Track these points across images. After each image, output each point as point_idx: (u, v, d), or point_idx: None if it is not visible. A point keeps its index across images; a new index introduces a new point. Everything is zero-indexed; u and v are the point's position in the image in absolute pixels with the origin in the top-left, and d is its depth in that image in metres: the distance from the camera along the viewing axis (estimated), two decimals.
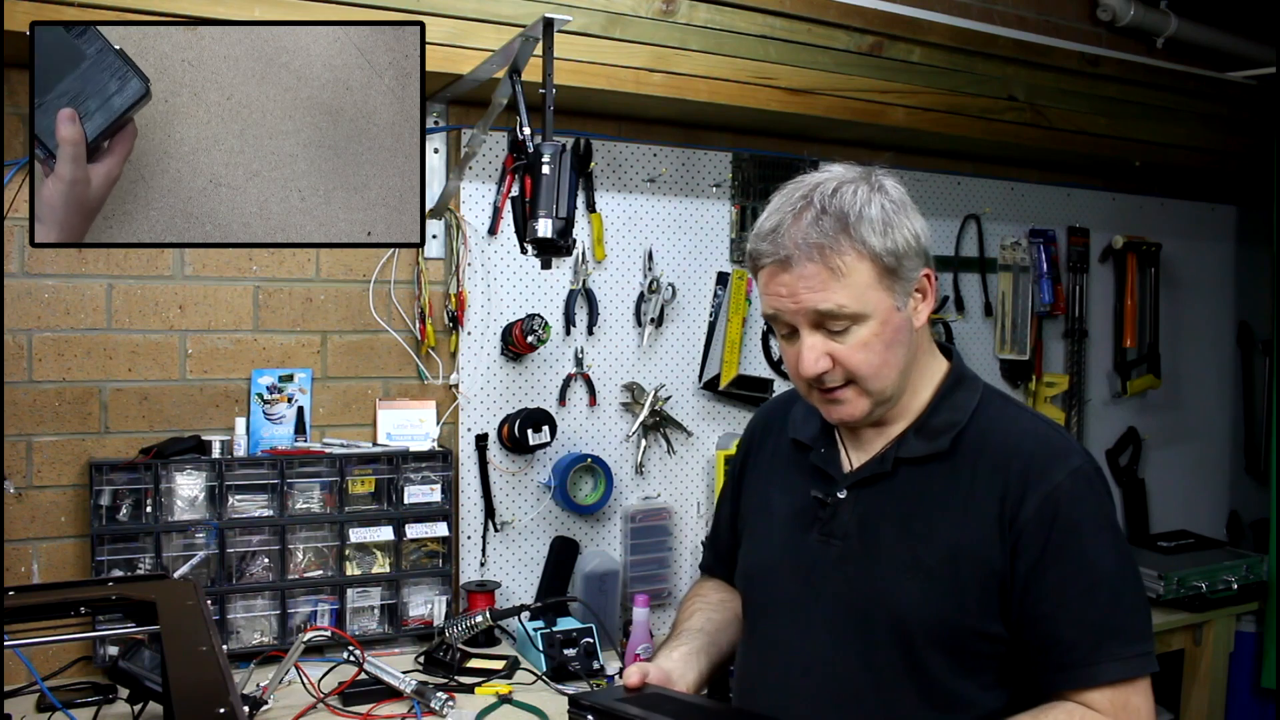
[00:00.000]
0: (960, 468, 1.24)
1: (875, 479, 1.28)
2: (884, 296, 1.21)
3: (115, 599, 1.32)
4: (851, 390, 1.24)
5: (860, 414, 1.25)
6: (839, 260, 1.18)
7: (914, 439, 1.28)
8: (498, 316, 2.34)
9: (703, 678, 1.38)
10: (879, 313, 1.21)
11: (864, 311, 1.20)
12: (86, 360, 2.02)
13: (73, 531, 2.00)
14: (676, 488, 2.58)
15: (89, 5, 1.70)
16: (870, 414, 1.26)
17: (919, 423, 1.28)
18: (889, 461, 1.28)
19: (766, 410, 1.57)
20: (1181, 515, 3.48)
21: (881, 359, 1.22)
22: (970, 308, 3.03)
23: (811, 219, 1.19)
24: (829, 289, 1.18)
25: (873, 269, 1.20)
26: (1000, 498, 1.21)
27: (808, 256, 1.18)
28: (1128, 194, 3.38)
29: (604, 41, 2.14)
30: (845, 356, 1.22)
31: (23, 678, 1.85)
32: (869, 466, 1.29)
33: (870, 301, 1.20)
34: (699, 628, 1.45)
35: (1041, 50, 2.77)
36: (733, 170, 2.62)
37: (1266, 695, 3.02)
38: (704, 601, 1.53)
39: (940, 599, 1.20)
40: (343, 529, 2.12)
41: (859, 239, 1.19)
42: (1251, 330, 3.68)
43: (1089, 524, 1.19)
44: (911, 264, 1.23)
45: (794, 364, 1.26)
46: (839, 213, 1.19)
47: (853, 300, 1.19)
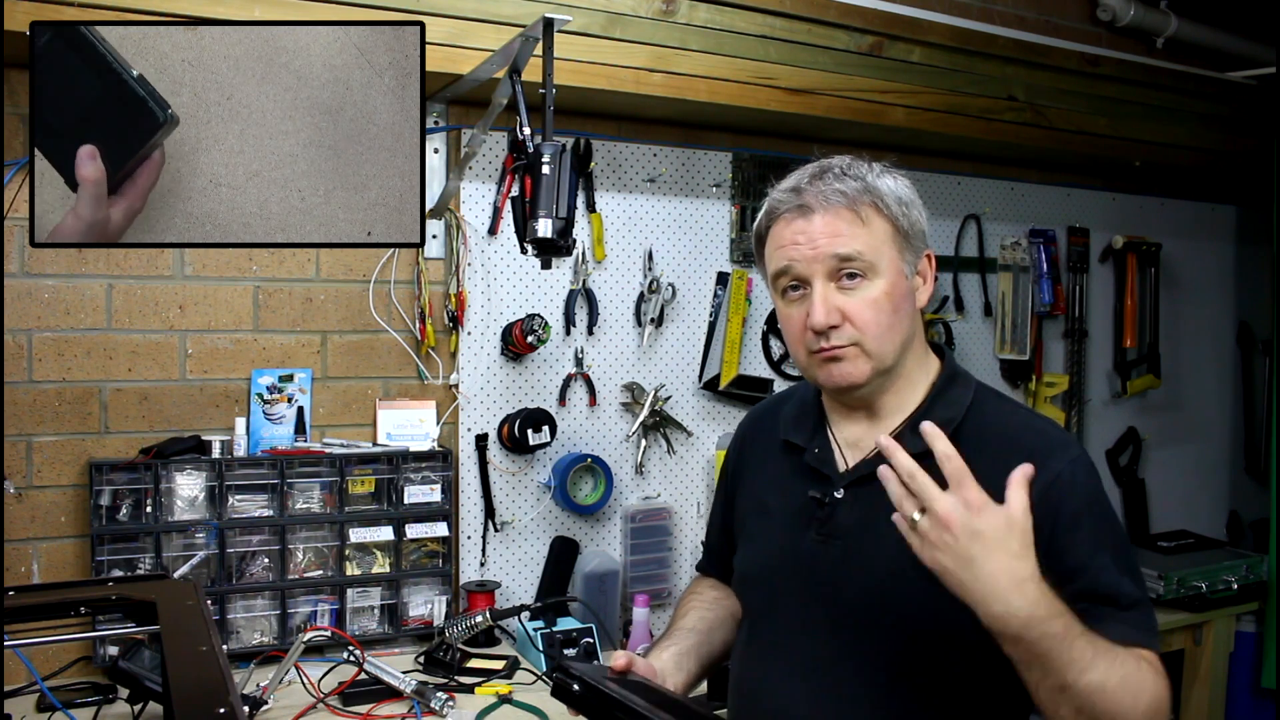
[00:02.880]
0: None
1: (873, 477, 1.28)
2: (896, 258, 1.26)
3: (115, 599, 1.32)
4: (855, 350, 1.25)
5: (860, 376, 1.25)
6: (860, 210, 1.24)
7: (910, 435, 1.27)
8: (498, 316, 2.34)
9: (692, 678, 1.38)
10: (890, 272, 1.25)
11: (878, 264, 1.24)
12: (86, 360, 2.02)
13: (73, 531, 2.00)
14: (676, 488, 2.58)
15: (89, 5, 1.70)
16: (869, 381, 1.26)
17: (915, 419, 1.28)
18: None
19: (755, 413, 1.57)
20: (1181, 515, 3.48)
21: (889, 320, 1.24)
22: (970, 308, 3.03)
23: (833, 177, 1.26)
24: (850, 234, 1.23)
25: (889, 228, 1.25)
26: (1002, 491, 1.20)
27: (830, 205, 1.24)
28: (1128, 194, 3.38)
29: (604, 41, 2.14)
30: (855, 312, 1.23)
31: (23, 678, 1.85)
32: (866, 464, 1.29)
33: (885, 257, 1.24)
34: (691, 626, 1.46)
35: (1041, 50, 2.77)
36: (733, 170, 2.62)
37: (1266, 695, 3.02)
38: (699, 599, 1.53)
39: (942, 597, 1.20)
40: (343, 529, 2.12)
41: (877, 196, 1.25)
42: (1251, 330, 3.68)
43: (1091, 511, 1.20)
44: (919, 240, 1.29)
45: (800, 322, 1.26)
46: (858, 175, 1.26)
47: (870, 250, 1.23)
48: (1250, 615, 2.99)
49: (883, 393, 1.30)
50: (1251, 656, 3.02)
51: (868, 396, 1.30)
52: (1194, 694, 2.88)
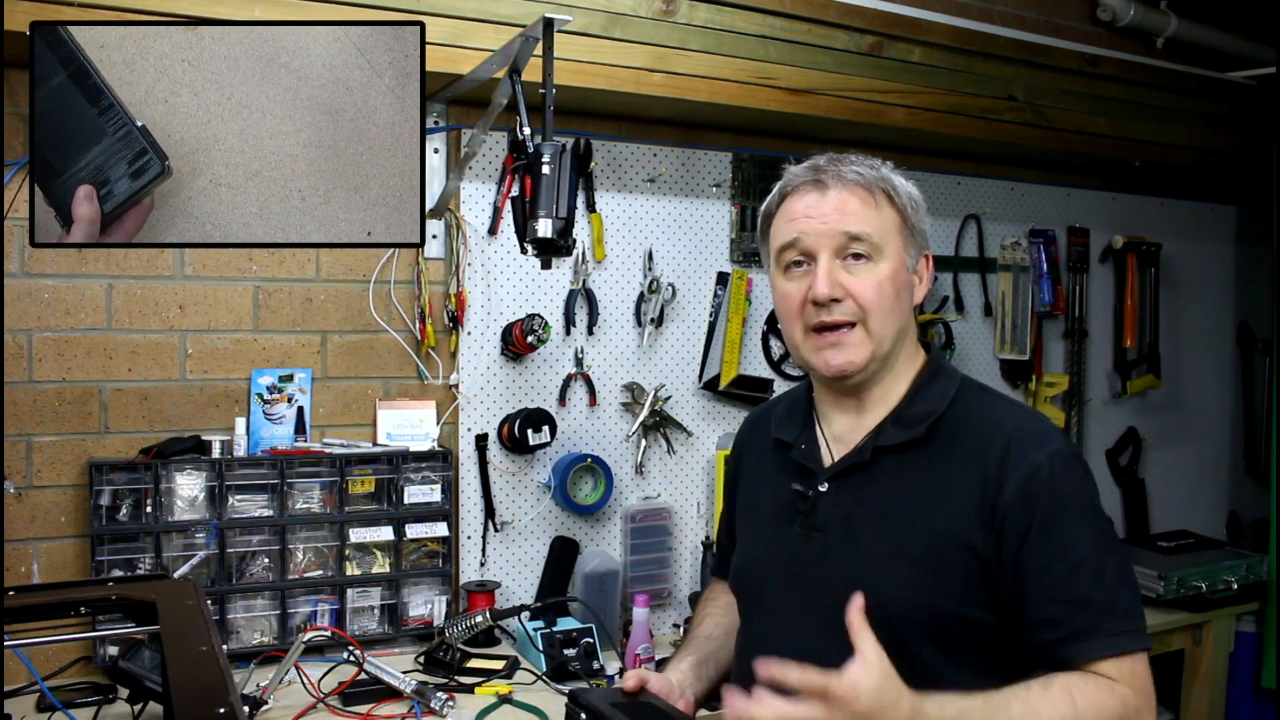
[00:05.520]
0: (938, 455, 1.25)
1: (854, 469, 1.29)
2: (901, 248, 1.28)
3: (115, 599, 1.32)
4: (856, 333, 1.25)
5: (860, 361, 1.26)
6: (874, 194, 1.26)
7: (892, 428, 1.28)
8: (498, 316, 2.34)
9: (711, 684, 1.41)
10: (895, 257, 1.26)
11: (885, 248, 1.25)
12: (86, 360, 2.02)
13: (73, 531, 2.00)
14: (676, 488, 2.58)
15: (89, 5, 1.70)
16: (867, 366, 1.26)
17: (896, 412, 1.29)
18: (867, 451, 1.28)
19: (753, 415, 1.59)
20: (1181, 515, 3.48)
21: (891, 304, 1.25)
22: (970, 308, 3.03)
23: (851, 161, 1.28)
24: (862, 214, 1.25)
25: (898, 217, 1.28)
26: (980, 484, 1.21)
27: (846, 183, 1.26)
28: (1128, 194, 3.38)
29: (604, 41, 2.14)
30: (859, 289, 1.24)
31: (23, 678, 1.85)
32: (848, 458, 1.30)
33: (891, 244, 1.26)
34: (708, 634, 1.49)
35: (1041, 50, 2.77)
36: (733, 170, 2.62)
37: (1266, 695, 3.02)
38: (714, 606, 1.56)
39: (923, 586, 1.20)
40: (343, 529, 2.12)
41: (891, 186, 1.28)
42: (1251, 330, 3.68)
43: (1070, 505, 1.19)
44: (921, 239, 1.31)
45: (800, 296, 1.27)
46: (874, 165, 1.29)
47: (879, 233, 1.25)
48: (1250, 615, 2.99)
49: (873, 384, 1.30)
50: (1251, 656, 3.01)
51: (859, 385, 1.30)
52: (1194, 694, 2.87)
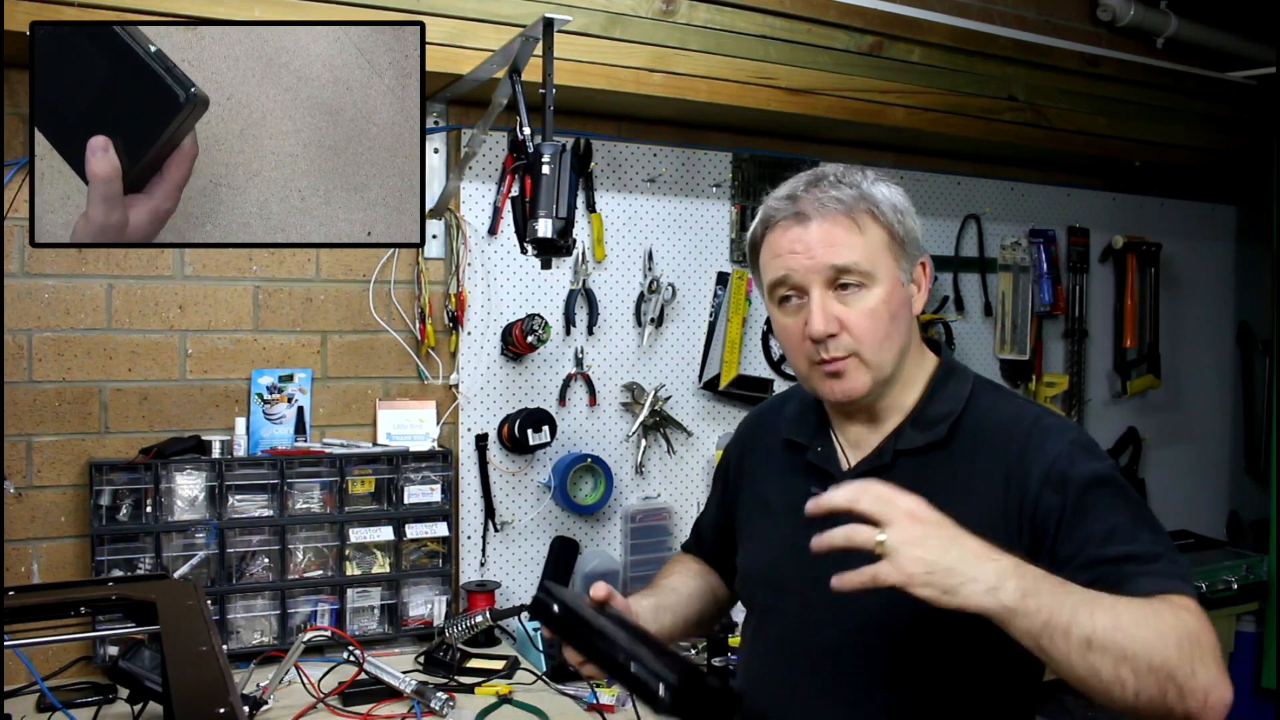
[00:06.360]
0: (958, 456, 1.25)
1: (875, 473, 1.28)
2: (892, 265, 1.26)
3: (115, 599, 1.32)
4: (854, 362, 1.25)
5: (861, 389, 1.26)
6: (857, 219, 1.24)
7: (911, 430, 1.28)
8: (498, 316, 2.34)
9: (664, 633, 1.38)
10: (887, 280, 1.25)
11: (875, 273, 1.24)
12: (86, 360, 2.02)
13: (73, 531, 2.00)
14: (676, 488, 2.58)
15: (89, 5, 1.70)
16: (870, 392, 1.26)
17: (914, 415, 1.29)
18: (888, 454, 1.28)
19: (756, 414, 1.57)
20: (1181, 515, 3.48)
21: (886, 329, 1.24)
22: (970, 308, 3.03)
23: (829, 185, 1.25)
24: (847, 244, 1.23)
25: (884, 235, 1.25)
26: (1004, 481, 1.21)
27: (827, 212, 1.24)
28: (1128, 194, 3.38)
29: (604, 41, 2.14)
30: (853, 322, 1.23)
31: (23, 678, 1.85)
32: (868, 460, 1.29)
33: (881, 266, 1.24)
34: (674, 587, 1.48)
35: (1041, 50, 2.77)
36: (733, 170, 2.62)
37: (1266, 695, 3.02)
38: (684, 568, 1.56)
39: None
40: (343, 529, 2.12)
41: (873, 204, 1.25)
42: (1251, 330, 3.68)
43: (1096, 484, 1.18)
44: (913, 247, 1.29)
45: (799, 332, 1.26)
46: (854, 183, 1.26)
47: (867, 260, 1.23)
48: (1250, 615, 3.00)
49: (882, 398, 1.30)
50: (1251, 656, 3.02)
51: (867, 403, 1.30)
52: None
